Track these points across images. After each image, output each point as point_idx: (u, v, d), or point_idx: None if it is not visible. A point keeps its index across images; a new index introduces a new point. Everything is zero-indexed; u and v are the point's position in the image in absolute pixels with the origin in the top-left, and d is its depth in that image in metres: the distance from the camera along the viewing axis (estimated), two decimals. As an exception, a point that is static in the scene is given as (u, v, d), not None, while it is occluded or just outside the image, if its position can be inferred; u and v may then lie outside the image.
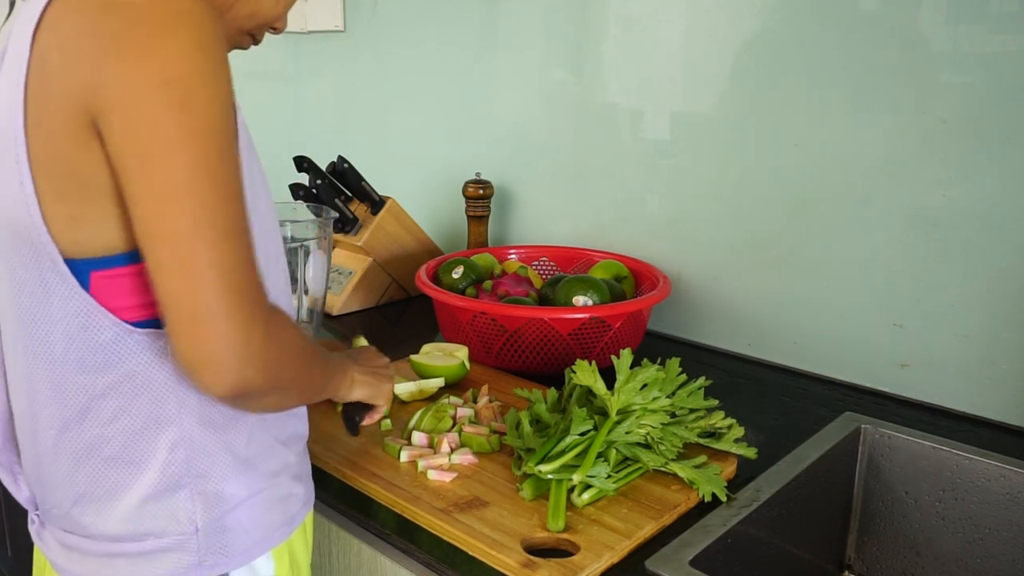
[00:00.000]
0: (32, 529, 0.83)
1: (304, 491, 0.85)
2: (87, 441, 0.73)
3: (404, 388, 1.15)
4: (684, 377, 1.04)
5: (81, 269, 0.68)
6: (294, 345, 0.71)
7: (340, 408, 1.00)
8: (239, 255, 0.65)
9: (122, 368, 0.71)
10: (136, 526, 0.74)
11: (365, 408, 0.97)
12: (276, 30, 0.83)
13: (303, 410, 0.85)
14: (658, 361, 1.04)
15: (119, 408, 0.72)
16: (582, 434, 0.95)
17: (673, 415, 1.02)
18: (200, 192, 0.63)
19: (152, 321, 0.71)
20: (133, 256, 0.68)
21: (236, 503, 0.77)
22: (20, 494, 0.82)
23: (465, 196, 1.68)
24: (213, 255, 0.63)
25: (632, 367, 1.01)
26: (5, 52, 0.71)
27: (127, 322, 0.70)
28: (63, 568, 0.78)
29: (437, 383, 1.18)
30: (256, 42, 0.83)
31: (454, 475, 0.97)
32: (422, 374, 1.19)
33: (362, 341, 1.12)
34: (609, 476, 0.93)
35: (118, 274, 0.69)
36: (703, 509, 0.93)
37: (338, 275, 1.63)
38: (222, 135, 0.64)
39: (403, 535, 0.90)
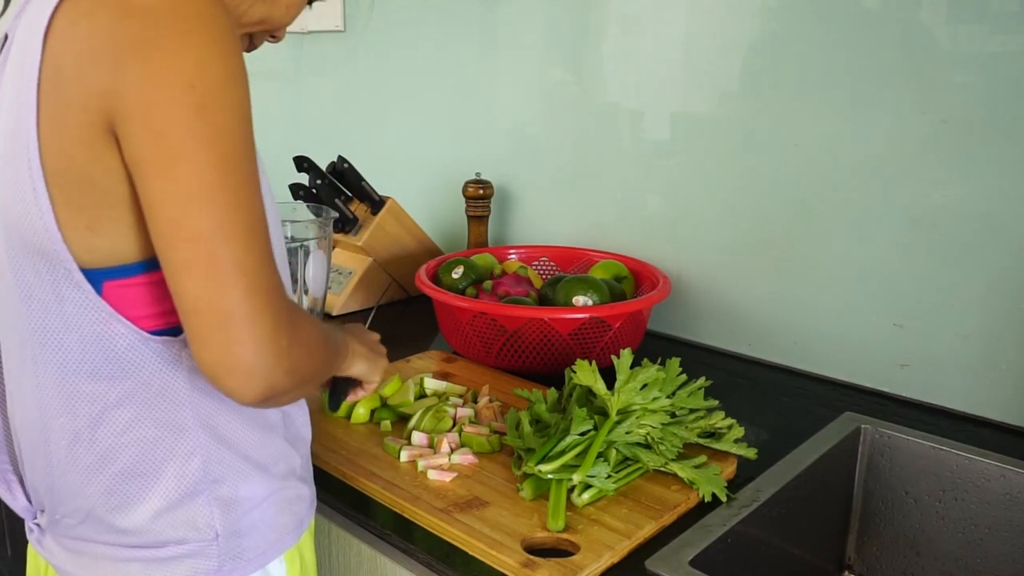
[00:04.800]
0: (31, 537, 0.82)
1: (309, 493, 0.86)
2: (99, 453, 0.72)
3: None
4: (684, 377, 1.04)
5: (94, 279, 0.67)
6: (314, 339, 0.70)
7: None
8: (261, 255, 0.64)
9: (137, 377, 0.70)
10: (155, 534, 0.73)
11: (352, 384, 0.94)
12: (275, 38, 0.84)
13: (306, 411, 0.85)
14: (658, 361, 1.04)
15: (133, 418, 0.71)
16: (582, 434, 0.95)
17: (673, 415, 1.02)
18: (222, 192, 0.62)
19: (166, 330, 0.70)
20: (146, 265, 0.68)
21: (251, 507, 0.77)
22: (16, 503, 0.81)
23: (465, 196, 1.68)
24: (237, 255, 0.62)
25: (632, 367, 1.01)
26: (7, 52, 0.71)
27: (144, 331, 0.69)
28: (71, 574, 0.77)
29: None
30: (254, 47, 0.83)
31: (454, 475, 0.97)
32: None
33: None
34: (609, 476, 0.93)
35: (131, 284, 0.68)
36: (703, 509, 0.93)
37: (338, 275, 1.63)
38: (241, 138, 0.64)
39: (403, 535, 0.90)
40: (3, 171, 0.67)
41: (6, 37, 0.74)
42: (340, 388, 0.95)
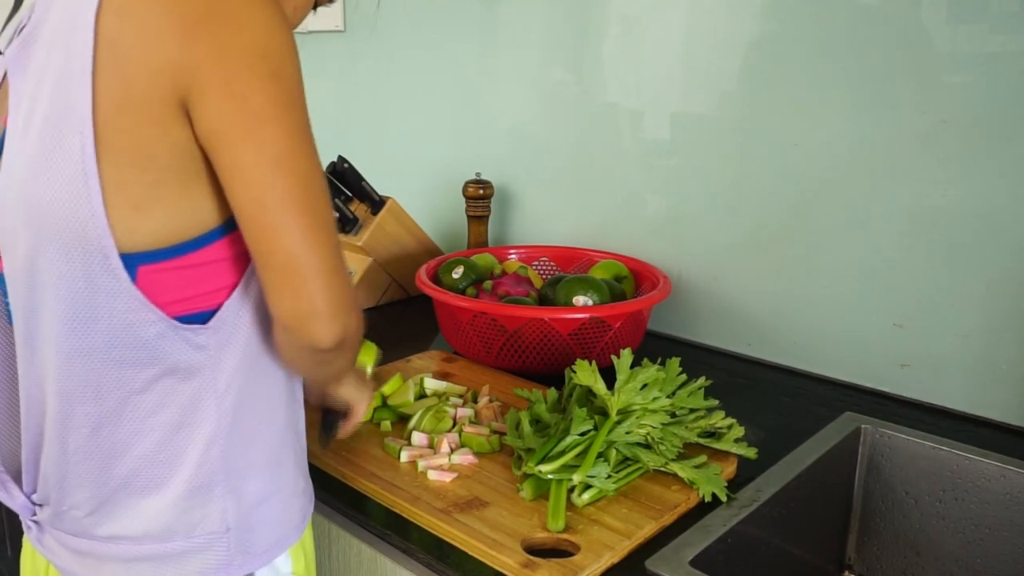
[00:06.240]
0: (30, 535, 0.81)
1: (308, 487, 0.86)
2: (122, 438, 0.72)
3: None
4: (684, 377, 1.04)
5: (130, 263, 0.67)
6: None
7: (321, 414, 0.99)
8: (332, 214, 0.69)
9: (164, 363, 0.71)
10: (167, 525, 0.73)
11: (341, 416, 0.97)
12: None
13: (302, 401, 0.85)
14: (658, 361, 1.04)
15: (157, 404, 0.72)
16: (582, 434, 0.95)
17: (673, 415, 1.02)
18: (304, 156, 0.66)
19: (194, 316, 0.71)
20: (182, 248, 0.68)
21: (261, 500, 0.77)
22: (14, 502, 0.81)
23: (465, 196, 1.68)
24: (320, 214, 0.67)
25: (632, 367, 1.01)
26: (28, 39, 0.70)
27: (171, 317, 0.70)
28: (76, 574, 0.77)
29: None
30: None
31: (454, 475, 0.97)
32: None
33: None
34: (609, 476, 0.93)
35: (166, 268, 0.68)
36: (703, 509, 0.93)
37: (338, 275, 1.63)
38: (305, 105, 0.67)
39: (403, 535, 0.90)
40: (41, 157, 0.66)
41: (21, 28, 0.73)
42: (330, 421, 0.97)
